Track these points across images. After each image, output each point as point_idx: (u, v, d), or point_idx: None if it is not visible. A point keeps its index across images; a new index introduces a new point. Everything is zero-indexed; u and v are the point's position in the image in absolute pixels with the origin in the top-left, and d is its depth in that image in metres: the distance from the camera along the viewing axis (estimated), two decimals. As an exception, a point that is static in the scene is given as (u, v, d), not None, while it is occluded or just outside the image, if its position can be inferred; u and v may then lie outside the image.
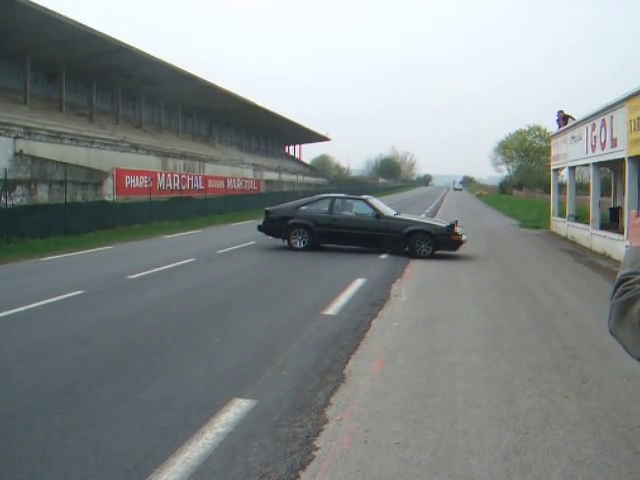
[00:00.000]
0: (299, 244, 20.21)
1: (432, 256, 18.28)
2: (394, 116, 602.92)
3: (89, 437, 5.38)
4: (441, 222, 20.45)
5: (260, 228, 21.66)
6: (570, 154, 26.16)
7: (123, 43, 45.93)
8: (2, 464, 4.90)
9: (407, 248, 19.06)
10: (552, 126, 36.08)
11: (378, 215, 19.99)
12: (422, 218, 22.02)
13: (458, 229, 19.23)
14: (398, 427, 5.61)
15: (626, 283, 2.15)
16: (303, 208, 21.05)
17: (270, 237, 21.26)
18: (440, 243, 18.97)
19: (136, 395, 6.43)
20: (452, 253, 18.74)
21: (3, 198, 24.18)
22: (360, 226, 20.01)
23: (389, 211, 21.04)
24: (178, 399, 6.29)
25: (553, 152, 31.38)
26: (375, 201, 21.78)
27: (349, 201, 21.61)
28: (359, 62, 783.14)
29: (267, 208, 22.12)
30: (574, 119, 26.71)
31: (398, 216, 20.80)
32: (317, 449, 5.15)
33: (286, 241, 20.41)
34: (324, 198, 22.32)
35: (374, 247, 19.96)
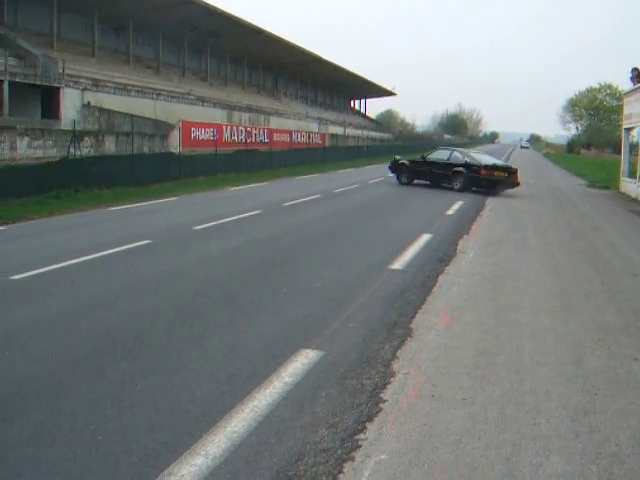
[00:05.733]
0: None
1: (499, 213, 18.13)
2: (462, 70, 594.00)
3: (158, 383, 5.47)
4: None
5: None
6: (643, 113, 25.47)
7: (190, -5, 45.92)
8: (75, 406, 5.01)
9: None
10: (624, 84, 35.13)
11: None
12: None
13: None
14: (465, 383, 5.59)
15: None
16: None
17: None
18: None
19: (204, 344, 6.50)
20: (521, 211, 18.60)
21: (72, 149, 24.56)
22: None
23: (480, 158, 27.80)
24: (246, 348, 6.35)
25: (625, 111, 30.53)
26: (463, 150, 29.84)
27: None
28: (426, 5, 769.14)
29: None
30: (649, 76, 25.94)
31: (482, 159, 27.46)
32: (384, 402, 5.16)
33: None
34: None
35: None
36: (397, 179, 29.21)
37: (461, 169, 26.80)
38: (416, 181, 28.60)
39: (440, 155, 28.40)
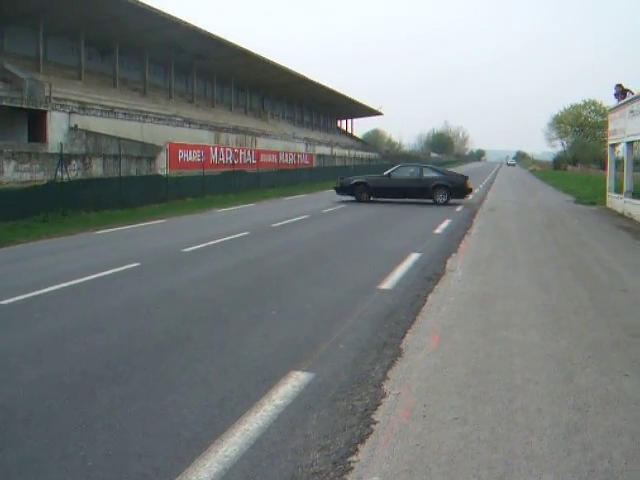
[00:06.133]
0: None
1: (487, 231, 18.21)
2: (448, 90, 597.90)
3: (149, 407, 5.45)
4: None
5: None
6: (628, 129, 25.58)
7: (175, 18, 46.14)
8: (65, 431, 4.98)
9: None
10: (608, 100, 35.45)
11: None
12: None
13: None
14: (456, 402, 5.58)
15: None
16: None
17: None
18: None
19: (194, 366, 6.48)
20: (509, 229, 18.72)
21: (59, 172, 24.51)
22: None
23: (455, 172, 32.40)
24: (236, 371, 6.34)
25: (610, 127, 30.70)
26: (433, 168, 32.24)
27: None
28: (411, 30, 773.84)
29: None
30: (633, 93, 26.10)
31: (444, 174, 30.63)
32: (375, 423, 5.14)
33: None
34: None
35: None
36: (356, 199, 29.82)
37: (444, 183, 29.08)
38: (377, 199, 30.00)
39: (408, 172, 30.32)
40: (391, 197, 29.94)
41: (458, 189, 29.28)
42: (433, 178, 29.34)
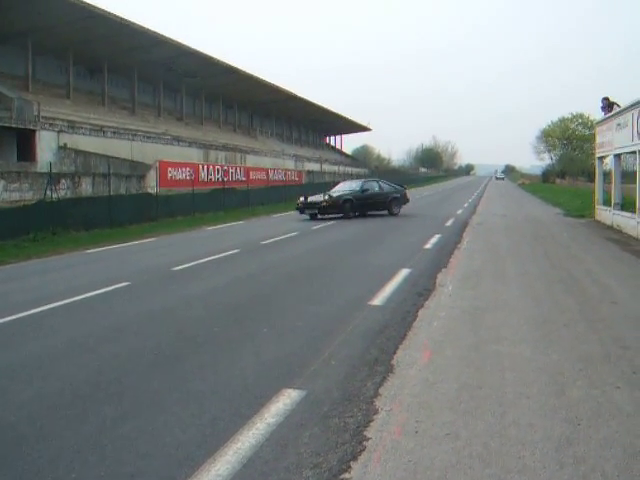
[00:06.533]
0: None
1: (477, 245, 18.25)
2: (435, 105, 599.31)
3: (141, 427, 5.43)
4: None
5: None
6: (615, 142, 25.68)
7: (164, 36, 46.30)
8: (56, 453, 4.95)
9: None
10: (596, 114, 35.66)
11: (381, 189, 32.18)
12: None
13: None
14: (448, 418, 5.57)
15: None
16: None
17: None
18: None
19: (185, 385, 6.47)
20: (499, 243, 18.79)
21: (48, 191, 24.51)
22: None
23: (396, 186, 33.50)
24: (228, 389, 6.32)
25: (598, 140, 30.82)
26: (385, 182, 34.59)
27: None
28: (399, 49, 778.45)
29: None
30: (619, 106, 26.25)
31: (403, 188, 33.77)
32: (368, 440, 5.13)
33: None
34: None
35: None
36: (344, 215, 30.02)
37: (398, 195, 31.97)
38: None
39: (372, 186, 32.66)
40: (364, 211, 31.26)
41: (403, 200, 32.88)
42: (390, 191, 32.42)
